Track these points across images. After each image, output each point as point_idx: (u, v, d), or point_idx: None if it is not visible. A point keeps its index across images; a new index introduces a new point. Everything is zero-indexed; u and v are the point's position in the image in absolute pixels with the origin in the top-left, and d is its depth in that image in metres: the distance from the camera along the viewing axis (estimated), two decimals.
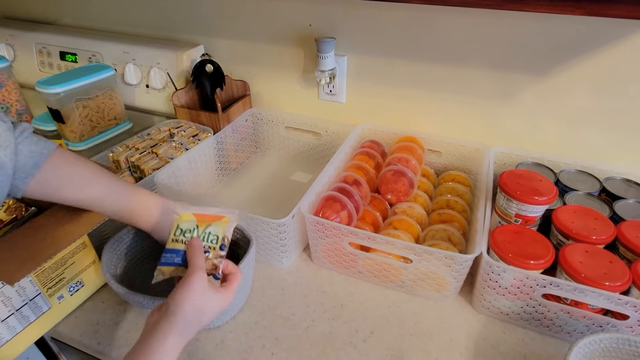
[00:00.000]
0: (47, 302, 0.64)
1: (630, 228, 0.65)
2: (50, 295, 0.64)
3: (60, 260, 0.63)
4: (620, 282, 0.57)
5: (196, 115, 1.00)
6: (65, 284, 0.65)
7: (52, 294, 0.64)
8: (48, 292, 0.63)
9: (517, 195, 0.67)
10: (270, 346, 0.64)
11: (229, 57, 1.11)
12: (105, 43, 1.18)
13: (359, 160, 0.88)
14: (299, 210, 0.71)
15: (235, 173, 1.06)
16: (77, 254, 0.65)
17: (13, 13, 1.41)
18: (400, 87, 0.95)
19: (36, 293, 0.62)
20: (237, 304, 0.69)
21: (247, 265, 0.63)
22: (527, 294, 0.61)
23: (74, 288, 0.67)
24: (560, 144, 0.86)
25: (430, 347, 0.64)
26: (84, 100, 1.03)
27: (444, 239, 0.73)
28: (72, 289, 0.67)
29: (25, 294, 0.60)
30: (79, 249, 0.66)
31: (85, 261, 0.67)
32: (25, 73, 1.32)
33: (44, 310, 0.64)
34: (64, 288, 0.65)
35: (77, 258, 0.66)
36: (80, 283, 0.68)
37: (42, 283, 0.62)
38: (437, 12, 0.82)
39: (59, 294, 0.65)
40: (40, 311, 0.63)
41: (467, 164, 0.93)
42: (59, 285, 0.64)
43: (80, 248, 0.66)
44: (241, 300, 0.69)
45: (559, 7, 0.58)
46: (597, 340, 0.53)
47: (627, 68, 0.74)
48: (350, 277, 0.76)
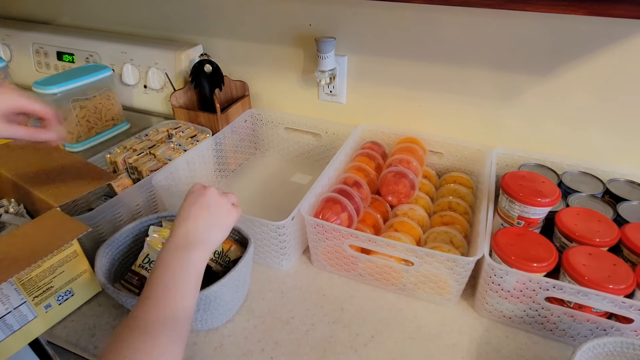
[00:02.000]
0: (33, 311, 0.62)
1: (634, 230, 0.64)
2: (37, 304, 0.62)
3: (48, 269, 0.61)
4: (624, 285, 0.56)
5: (195, 116, 0.99)
6: (54, 292, 0.64)
7: (39, 302, 0.62)
8: (34, 300, 0.61)
9: (520, 197, 0.66)
10: (269, 350, 0.63)
11: (228, 57, 1.10)
12: (102, 43, 1.18)
13: (360, 162, 0.87)
14: (299, 212, 0.71)
15: (234, 174, 1.05)
16: (67, 262, 0.64)
17: (9, 12, 1.40)
18: (401, 87, 0.94)
19: (21, 301, 0.60)
20: (236, 304, 0.68)
21: (245, 265, 0.63)
22: (530, 297, 0.61)
23: (63, 297, 0.65)
24: (563, 145, 0.86)
25: (432, 351, 0.63)
26: (81, 101, 1.02)
27: (445, 242, 0.73)
28: (61, 298, 0.65)
29: (9, 302, 0.59)
30: (70, 258, 0.64)
31: (76, 270, 0.66)
32: (22, 73, 1.31)
33: (29, 319, 0.62)
34: (52, 297, 0.64)
35: (67, 267, 0.64)
36: (70, 292, 0.66)
37: (27, 291, 0.60)
38: (439, 12, 0.82)
39: (46, 302, 0.63)
40: (26, 320, 0.62)
41: (469, 166, 0.93)
42: (46, 294, 0.63)
43: (71, 257, 0.64)
44: (239, 300, 0.69)
45: (561, 7, 0.57)
46: (601, 344, 0.52)
47: (631, 68, 0.74)
48: (351, 280, 0.75)
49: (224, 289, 0.61)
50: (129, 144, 0.92)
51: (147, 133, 0.97)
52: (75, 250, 0.64)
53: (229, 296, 0.63)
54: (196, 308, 0.60)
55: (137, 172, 0.85)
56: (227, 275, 0.60)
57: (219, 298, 0.61)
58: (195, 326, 0.64)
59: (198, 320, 0.63)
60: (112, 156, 0.87)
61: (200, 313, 0.61)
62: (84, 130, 1.05)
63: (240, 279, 0.64)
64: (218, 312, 0.64)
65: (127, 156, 0.87)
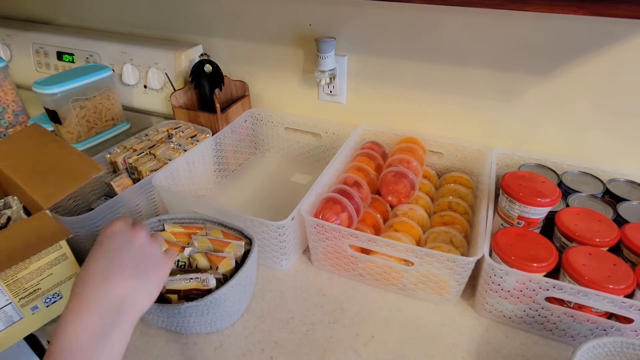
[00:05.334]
0: (19, 312, 0.62)
1: (634, 230, 0.64)
2: (23, 305, 0.62)
3: (36, 271, 0.61)
4: (624, 285, 0.56)
5: (195, 116, 0.99)
6: (41, 295, 0.63)
7: (25, 304, 0.62)
8: (20, 302, 0.61)
9: (520, 197, 0.66)
10: (269, 350, 0.63)
11: (228, 57, 1.10)
12: (102, 43, 1.18)
13: (360, 162, 0.87)
14: (299, 212, 0.71)
15: (234, 174, 1.05)
16: (55, 265, 0.63)
17: (9, 12, 1.40)
18: (402, 87, 0.94)
19: (6, 302, 0.60)
20: (243, 304, 0.68)
21: (250, 265, 0.63)
22: (530, 297, 0.61)
23: (50, 300, 0.65)
24: (563, 145, 0.86)
25: (432, 351, 0.63)
26: (81, 100, 1.02)
27: (445, 242, 0.73)
28: (49, 301, 0.65)
29: None
30: (59, 260, 0.64)
31: (65, 273, 0.65)
32: (22, 73, 1.31)
33: (14, 320, 0.62)
34: (39, 299, 0.63)
35: (55, 269, 0.64)
36: (58, 295, 0.66)
37: (13, 293, 0.60)
38: (438, 12, 0.82)
39: (32, 304, 0.63)
40: (11, 321, 0.61)
41: (469, 166, 0.93)
42: (33, 296, 0.62)
43: (60, 259, 0.64)
44: (246, 300, 0.69)
45: (561, 7, 0.57)
46: (601, 344, 0.52)
47: (631, 68, 0.73)
48: (351, 280, 0.75)
49: (232, 291, 0.61)
50: (129, 144, 0.92)
51: (147, 133, 0.97)
52: (64, 253, 0.64)
53: (236, 297, 0.63)
54: (206, 311, 0.60)
55: (137, 172, 0.85)
56: (234, 277, 0.60)
57: (227, 300, 0.61)
58: (205, 329, 0.64)
59: (208, 323, 0.63)
60: (112, 156, 0.87)
61: (209, 316, 0.61)
62: (84, 130, 1.05)
63: (246, 280, 0.64)
64: (227, 313, 0.64)
65: (127, 156, 0.87)
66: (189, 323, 0.62)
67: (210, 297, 0.58)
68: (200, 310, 0.59)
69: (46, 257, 0.62)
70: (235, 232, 0.70)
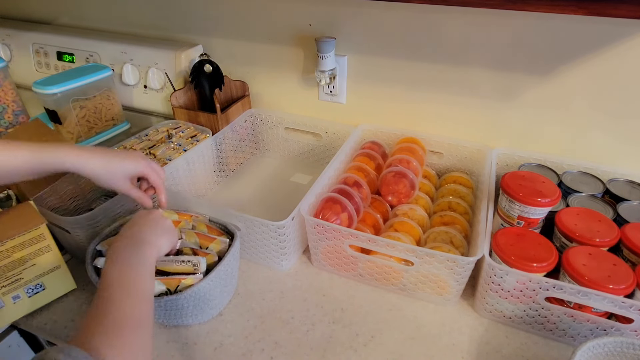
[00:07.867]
0: (0, 300, 0.63)
1: (634, 230, 0.64)
2: (4, 293, 0.63)
3: (18, 260, 0.62)
4: (624, 285, 0.56)
5: (195, 116, 0.99)
6: (23, 285, 0.64)
7: (7, 292, 0.63)
8: (1, 290, 0.62)
9: (520, 197, 0.66)
10: (269, 350, 0.63)
11: (228, 57, 1.10)
12: (102, 43, 1.17)
13: (360, 162, 0.87)
14: (299, 212, 0.71)
15: (234, 174, 1.05)
16: (38, 256, 0.64)
17: (9, 12, 1.40)
18: (402, 87, 0.94)
19: None
20: (226, 297, 0.69)
21: (230, 259, 0.64)
22: (530, 297, 0.61)
23: (32, 290, 0.66)
24: (563, 145, 0.86)
25: (432, 351, 0.63)
26: (81, 100, 1.02)
27: (445, 242, 0.73)
28: (31, 291, 0.65)
29: None
30: (42, 252, 0.64)
31: (47, 265, 0.66)
32: (22, 73, 1.31)
33: None
34: (21, 289, 0.64)
35: (38, 260, 0.64)
36: (40, 286, 0.66)
37: None
38: (438, 12, 0.82)
39: (14, 293, 0.64)
40: None
41: (469, 166, 0.93)
42: (15, 285, 0.63)
43: (43, 251, 0.64)
44: (228, 294, 0.70)
45: (561, 7, 0.57)
46: (601, 344, 0.52)
47: (631, 68, 0.73)
48: (351, 280, 0.75)
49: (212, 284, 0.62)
50: (129, 144, 0.92)
51: (147, 133, 0.97)
52: (48, 244, 0.65)
53: (217, 291, 0.65)
54: (187, 305, 0.61)
55: None
56: (214, 270, 0.61)
57: (208, 293, 0.62)
58: (187, 321, 0.66)
59: (189, 316, 0.64)
60: None
61: (190, 309, 0.63)
62: (84, 130, 1.05)
63: (227, 273, 0.65)
64: (208, 306, 0.65)
65: None
66: (170, 315, 0.63)
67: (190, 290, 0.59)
68: (180, 303, 0.61)
69: (29, 247, 0.63)
70: (219, 226, 0.71)
